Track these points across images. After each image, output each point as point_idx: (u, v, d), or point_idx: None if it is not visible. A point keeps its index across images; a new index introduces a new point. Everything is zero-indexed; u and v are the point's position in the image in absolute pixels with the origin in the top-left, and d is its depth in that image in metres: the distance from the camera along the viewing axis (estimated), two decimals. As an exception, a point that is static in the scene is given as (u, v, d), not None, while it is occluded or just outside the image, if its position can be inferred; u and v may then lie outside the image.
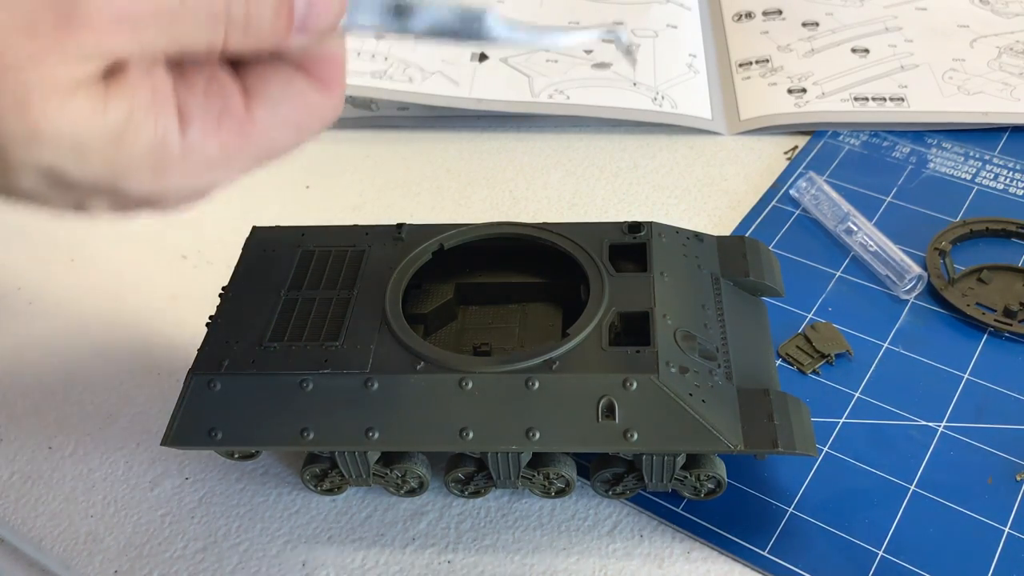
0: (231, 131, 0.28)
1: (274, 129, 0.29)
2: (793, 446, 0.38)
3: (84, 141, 0.26)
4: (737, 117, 0.68)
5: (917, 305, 0.52)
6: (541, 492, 0.44)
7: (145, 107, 0.27)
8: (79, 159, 0.26)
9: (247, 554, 0.43)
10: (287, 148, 0.30)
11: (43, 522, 0.45)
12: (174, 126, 0.27)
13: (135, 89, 0.26)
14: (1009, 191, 0.60)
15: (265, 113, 0.29)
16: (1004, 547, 0.41)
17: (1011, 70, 0.69)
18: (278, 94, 0.29)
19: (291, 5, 0.27)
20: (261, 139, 0.29)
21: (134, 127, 0.26)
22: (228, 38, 0.27)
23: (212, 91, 0.28)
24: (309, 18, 0.28)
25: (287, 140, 0.30)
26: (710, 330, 0.42)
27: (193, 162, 0.28)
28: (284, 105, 0.29)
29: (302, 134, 0.30)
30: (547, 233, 0.45)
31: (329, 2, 0.28)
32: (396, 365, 0.39)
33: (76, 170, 0.26)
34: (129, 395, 0.50)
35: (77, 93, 0.25)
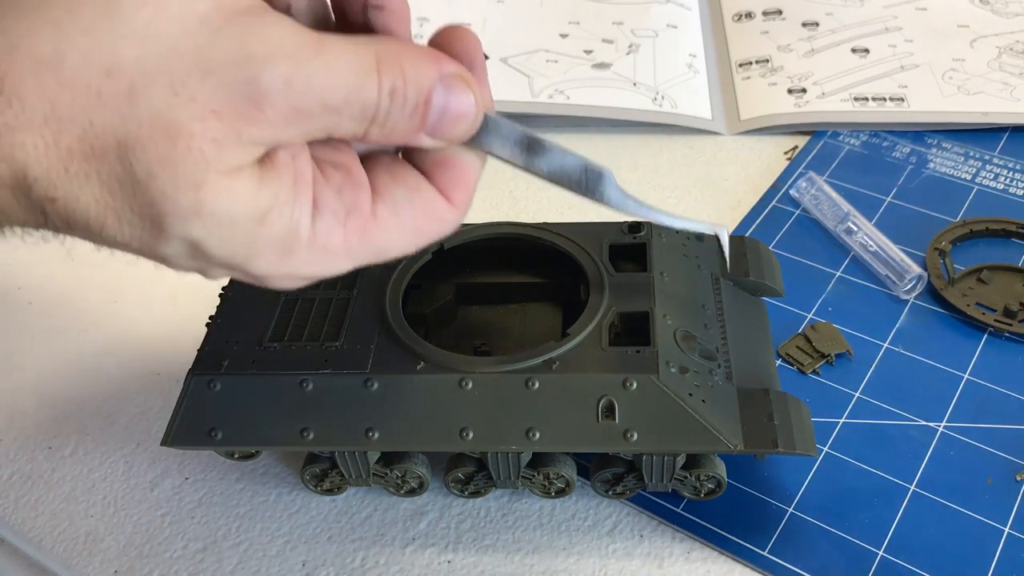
0: (355, 227, 0.30)
1: (393, 231, 0.31)
2: (793, 446, 0.38)
3: (235, 220, 0.27)
4: (737, 117, 0.68)
5: (917, 305, 0.52)
6: (541, 492, 0.44)
7: (288, 193, 0.28)
8: (224, 236, 0.28)
9: (247, 554, 0.43)
10: (402, 251, 0.32)
11: (43, 522, 0.45)
12: (308, 215, 0.29)
13: (282, 174, 0.28)
14: (1009, 191, 0.60)
15: (388, 214, 0.31)
16: (1004, 547, 0.41)
17: (1011, 70, 0.69)
18: (403, 199, 0.31)
19: (425, 112, 0.29)
20: (380, 239, 0.31)
21: (276, 211, 0.28)
22: (368, 130, 0.29)
23: (346, 186, 0.30)
24: (440, 125, 0.30)
25: (403, 244, 0.32)
26: (710, 330, 0.42)
27: (315, 251, 0.30)
28: (407, 210, 0.31)
29: (419, 239, 0.32)
30: (547, 233, 0.45)
31: (461, 117, 0.30)
32: (396, 365, 0.39)
33: (217, 246, 0.28)
34: (129, 395, 0.50)
35: (241, 175, 0.27)
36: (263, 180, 0.28)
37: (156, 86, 0.25)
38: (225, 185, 0.27)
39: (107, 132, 0.25)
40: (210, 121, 0.26)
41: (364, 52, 0.28)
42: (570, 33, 0.75)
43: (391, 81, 0.28)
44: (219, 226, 0.27)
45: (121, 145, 0.26)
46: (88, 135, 0.25)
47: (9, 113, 0.25)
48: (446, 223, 0.32)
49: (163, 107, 0.25)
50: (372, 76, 0.28)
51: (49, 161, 0.25)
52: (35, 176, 0.26)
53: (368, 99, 0.28)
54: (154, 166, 0.26)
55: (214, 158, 0.26)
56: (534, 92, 0.68)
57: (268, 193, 0.28)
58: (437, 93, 0.29)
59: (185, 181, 0.26)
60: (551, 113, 0.67)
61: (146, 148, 0.26)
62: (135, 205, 0.27)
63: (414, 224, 0.32)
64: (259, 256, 0.29)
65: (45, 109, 0.25)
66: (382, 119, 0.28)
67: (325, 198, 0.30)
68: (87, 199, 0.26)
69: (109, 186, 0.26)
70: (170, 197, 0.26)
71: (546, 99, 0.68)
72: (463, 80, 0.30)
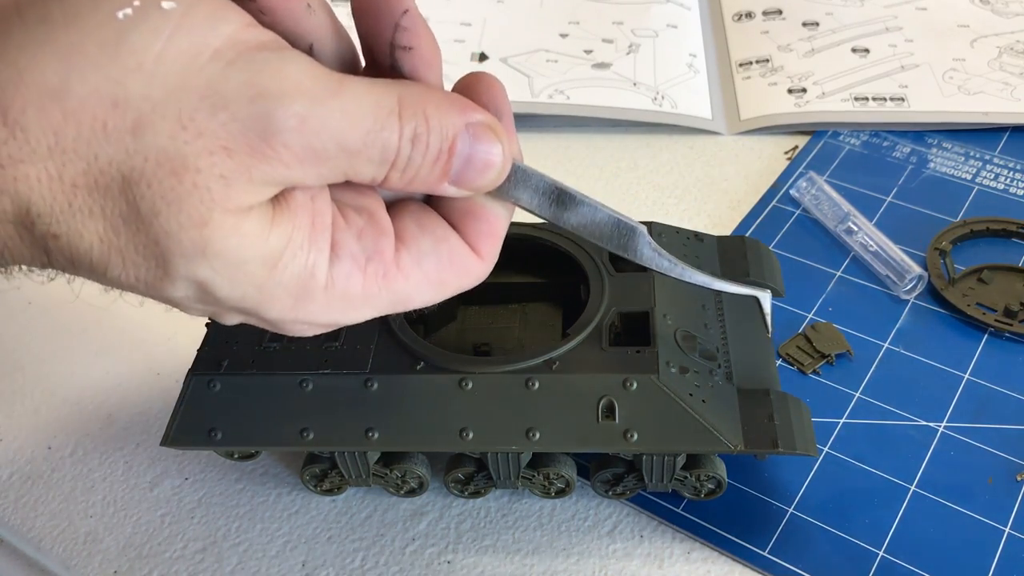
0: (375, 275, 0.29)
1: (417, 281, 0.30)
2: (793, 446, 0.38)
3: (243, 261, 0.27)
4: (737, 117, 0.68)
5: (917, 305, 0.52)
6: (541, 492, 0.44)
7: (303, 236, 0.28)
8: (233, 279, 0.27)
9: (247, 554, 0.43)
10: (424, 302, 0.31)
11: (42, 522, 0.45)
12: (325, 258, 0.28)
13: (297, 216, 0.27)
14: (1009, 191, 0.59)
15: (411, 263, 0.30)
16: (1004, 547, 0.41)
17: (1011, 70, 0.69)
18: (428, 248, 0.30)
19: (449, 160, 0.28)
20: (400, 287, 0.30)
21: (290, 254, 0.27)
22: (389, 176, 0.28)
23: (367, 232, 0.29)
24: (465, 174, 0.29)
25: (426, 295, 0.31)
26: (710, 330, 0.42)
27: (333, 297, 0.29)
28: (432, 260, 0.30)
29: (443, 291, 0.31)
30: (547, 233, 0.45)
31: (488, 167, 0.29)
32: (396, 365, 0.39)
33: (226, 288, 0.27)
34: (129, 395, 0.50)
35: (251, 214, 0.26)
36: (275, 221, 0.27)
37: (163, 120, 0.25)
38: (232, 223, 0.26)
39: (112, 166, 0.25)
40: (218, 157, 0.25)
41: (386, 94, 0.27)
42: (570, 33, 0.75)
43: (413, 126, 0.27)
44: (227, 267, 0.27)
45: (126, 180, 0.25)
46: (92, 169, 0.25)
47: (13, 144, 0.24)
48: (472, 276, 0.32)
49: (169, 141, 0.25)
50: (393, 120, 0.27)
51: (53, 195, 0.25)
52: (38, 211, 0.25)
53: (388, 143, 0.27)
54: (158, 202, 0.25)
55: (221, 196, 0.25)
56: (534, 92, 0.68)
57: (280, 234, 0.27)
58: (462, 141, 0.28)
59: (190, 219, 0.25)
60: (551, 113, 0.67)
61: (151, 183, 0.25)
62: (139, 244, 0.26)
63: (439, 275, 0.31)
64: (272, 300, 0.28)
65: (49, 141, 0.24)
66: (403, 165, 0.28)
67: (345, 242, 0.29)
68: (91, 236, 0.26)
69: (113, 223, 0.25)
70: (174, 235, 0.25)
71: (546, 99, 0.68)
72: (490, 129, 0.29)
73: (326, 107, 0.26)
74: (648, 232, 0.33)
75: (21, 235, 0.26)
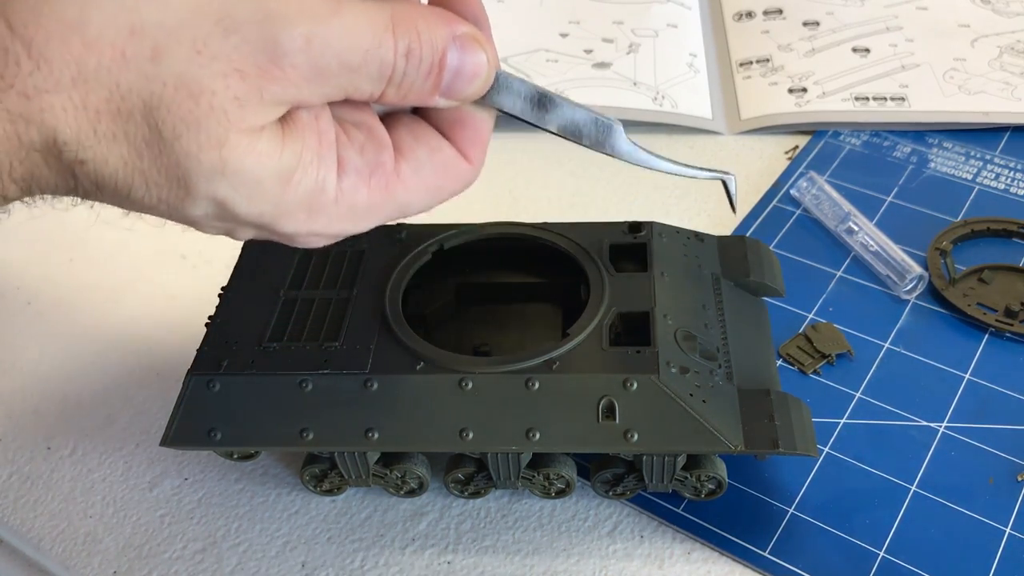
0: (379, 185, 0.31)
1: (415, 189, 0.32)
2: (794, 446, 0.38)
3: (259, 179, 0.28)
4: (738, 117, 0.68)
5: (918, 305, 0.52)
6: (541, 493, 0.44)
7: (312, 152, 0.29)
8: (250, 196, 0.28)
9: (246, 555, 0.43)
10: (421, 208, 0.33)
11: (42, 523, 0.45)
12: (333, 173, 0.30)
13: (305, 134, 0.29)
14: (1010, 191, 0.59)
15: (410, 173, 0.32)
16: (1005, 547, 0.41)
17: (1012, 69, 0.68)
18: (425, 158, 0.32)
19: (440, 73, 0.30)
20: (402, 196, 0.32)
21: (301, 170, 0.29)
22: (385, 91, 0.29)
23: (368, 145, 0.31)
24: (453, 86, 0.30)
25: (424, 200, 0.33)
26: (711, 330, 0.42)
27: (341, 209, 0.31)
28: (428, 168, 0.32)
29: (438, 196, 0.33)
30: (547, 233, 0.45)
31: (475, 76, 0.31)
32: (396, 365, 0.39)
33: (244, 205, 0.29)
34: (128, 395, 0.50)
35: (263, 134, 0.28)
36: (285, 140, 0.28)
37: (179, 46, 0.26)
38: (247, 143, 0.27)
39: (133, 92, 0.26)
40: (232, 79, 0.26)
41: (379, 13, 0.28)
42: (570, 32, 0.75)
43: (407, 41, 0.29)
44: (244, 185, 0.28)
45: (147, 105, 0.26)
46: (115, 96, 0.26)
47: (38, 76, 0.25)
48: (464, 181, 0.33)
49: (186, 66, 0.26)
50: (388, 36, 0.28)
51: (78, 123, 0.26)
52: (65, 139, 0.26)
53: (385, 59, 0.28)
54: (178, 125, 0.26)
55: (236, 116, 0.27)
56: (534, 92, 0.68)
57: (291, 152, 0.28)
58: (451, 53, 0.30)
59: (208, 139, 0.27)
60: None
61: (170, 107, 0.26)
62: (161, 166, 0.27)
63: (436, 182, 0.32)
64: (287, 215, 0.30)
65: (72, 71, 0.25)
66: (398, 79, 0.29)
67: (349, 157, 0.30)
68: (115, 160, 0.27)
69: (136, 147, 0.27)
70: (194, 156, 0.27)
71: (546, 99, 0.68)
72: (475, 40, 0.30)
73: (328, 26, 0.27)
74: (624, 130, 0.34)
75: (48, 162, 0.27)
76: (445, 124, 0.33)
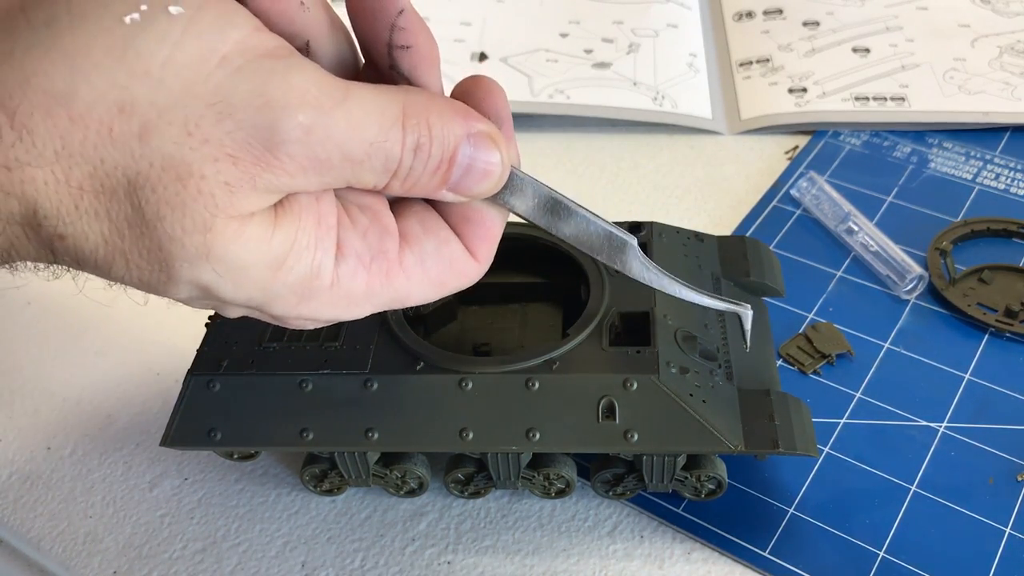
0: (379, 272, 0.30)
1: (417, 280, 0.31)
2: (794, 446, 0.38)
3: (246, 266, 0.27)
4: (738, 117, 0.68)
5: (918, 305, 0.52)
6: (541, 493, 0.44)
7: (308, 237, 0.28)
8: (236, 282, 0.27)
9: (246, 555, 0.43)
10: (419, 300, 0.32)
11: (42, 523, 0.45)
12: (331, 258, 0.29)
13: (301, 218, 0.28)
14: (1010, 191, 0.59)
15: (414, 263, 0.31)
16: (1005, 548, 0.41)
17: (1012, 69, 0.68)
18: (431, 250, 0.31)
19: (449, 169, 0.29)
20: (402, 286, 0.31)
21: (295, 255, 0.28)
22: (389, 184, 0.28)
23: (372, 230, 0.30)
24: (462, 183, 0.29)
25: (423, 293, 0.32)
26: (711, 330, 0.42)
27: (338, 295, 0.29)
28: (433, 261, 0.31)
29: (439, 291, 0.32)
30: (547, 233, 0.45)
31: (486, 176, 0.30)
32: (396, 365, 0.39)
33: (230, 291, 0.28)
34: (128, 395, 0.50)
35: (252, 220, 0.27)
36: (278, 224, 0.27)
37: (169, 126, 0.25)
38: (235, 229, 0.26)
39: (117, 170, 0.25)
40: (223, 164, 0.25)
41: (390, 104, 0.27)
42: (570, 32, 0.75)
43: (416, 136, 0.28)
44: (230, 272, 0.27)
45: (131, 184, 0.25)
46: (99, 172, 0.25)
47: (20, 147, 0.24)
48: (468, 278, 0.32)
49: (174, 148, 0.25)
50: (396, 130, 0.27)
51: (59, 198, 0.25)
52: (45, 212, 0.25)
53: (391, 153, 0.27)
54: (163, 207, 0.25)
55: (225, 202, 0.26)
56: (534, 92, 0.68)
57: (283, 238, 0.27)
58: (463, 151, 0.29)
59: (194, 224, 0.26)
60: (551, 113, 0.67)
61: (155, 188, 0.25)
62: (143, 247, 0.26)
63: (439, 276, 0.31)
64: (277, 299, 0.29)
65: (56, 145, 0.24)
66: (404, 174, 0.28)
67: (350, 241, 0.29)
68: (96, 238, 0.26)
69: (118, 226, 0.26)
70: (177, 240, 0.26)
71: (546, 99, 0.68)
72: (491, 139, 0.29)
73: (331, 117, 0.26)
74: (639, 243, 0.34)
75: (28, 235, 0.26)
76: (454, 218, 0.32)
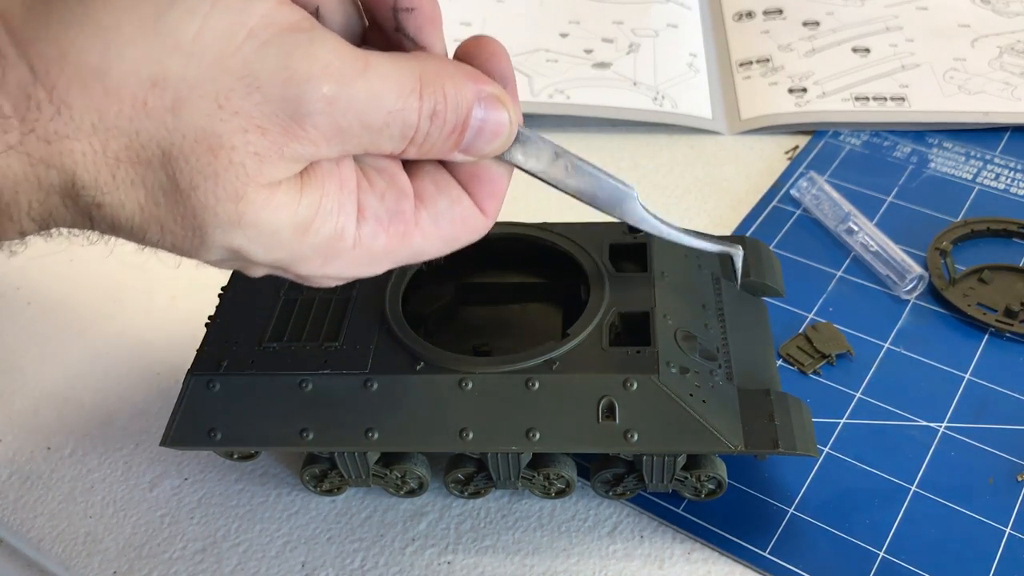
0: (397, 232, 0.31)
1: (432, 237, 0.32)
2: (794, 446, 0.38)
3: (276, 230, 0.28)
4: (738, 117, 0.68)
5: (918, 305, 0.52)
6: (541, 493, 0.44)
7: (331, 201, 0.29)
8: (267, 245, 0.29)
9: (246, 555, 0.43)
10: (434, 255, 0.33)
11: (42, 523, 0.45)
12: (353, 220, 0.30)
13: (325, 183, 0.29)
14: (1010, 191, 0.59)
15: (429, 222, 0.32)
16: (1005, 548, 0.41)
17: (1012, 70, 0.68)
18: (444, 208, 0.32)
19: (463, 132, 0.30)
20: (419, 243, 0.32)
21: (320, 218, 0.29)
22: (406, 150, 0.30)
23: (389, 192, 0.31)
24: (474, 144, 0.31)
25: (438, 248, 0.33)
26: (711, 330, 0.42)
27: (359, 254, 0.31)
28: (447, 218, 0.32)
29: (452, 246, 0.33)
30: (547, 233, 0.45)
31: (496, 135, 0.31)
32: (396, 365, 0.39)
33: (260, 254, 0.29)
34: (128, 395, 0.50)
35: (280, 187, 0.28)
36: (304, 191, 0.28)
37: (200, 99, 0.26)
38: (265, 197, 0.27)
39: (152, 142, 0.26)
40: (252, 135, 0.26)
41: (407, 73, 0.28)
42: (570, 32, 0.75)
43: (432, 103, 0.29)
44: (260, 236, 0.28)
45: (166, 155, 0.26)
46: (134, 144, 0.26)
47: (59, 121, 0.25)
48: (478, 232, 0.34)
49: (206, 120, 0.26)
50: (414, 99, 0.28)
51: (97, 168, 0.26)
52: (83, 183, 0.26)
53: (408, 120, 0.29)
54: (196, 177, 0.26)
55: (255, 171, 0.27)
56: (534, 92, 0.68)
57: (309, 202, 0.29)
58: (475, 113, 0.30)
59: (225, 193, 0.27)
60: (551, 113, 0.67)
61: (188, 159, 0.26)
62: (177, 214, 0.27)
63: (452, 232, 0.33)
64: (303, 260, 0.30)
65: (93, 118, 0.25)
66: (420, 139, 0.29)
67: (369, 203, 0.31)
68: (132, 206, 0.27)
69: (153, 194, 0.27)
70: (211, 208, 0.27)
71: (546, 98, 0.68)
72: (499, 100, 0.31)
73: (353, 88, 0.27)
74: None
75: (67, 204, 0.27)
76: (463, 176, 0.33)
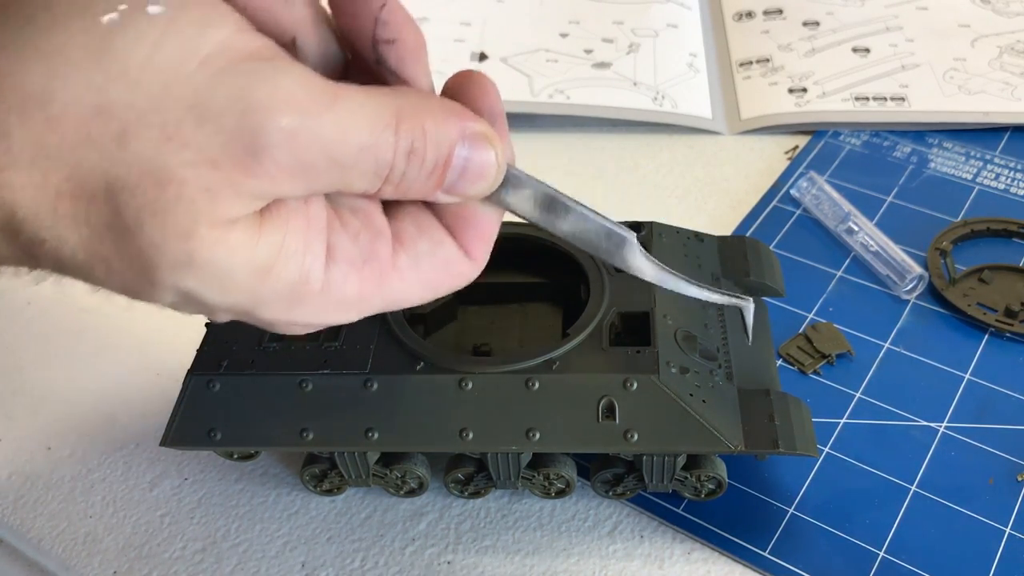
0: (372, 276, 0.29)
1: (411, 283, 0.30)
2: (794, 446, 0.38)
3: (231, 272, 0.26)
4: (738, 117, 0.68)
5: (918, 305, 0.52)
6: (541, 493, 0.44)
7: (296, 241, 0.27)
8: (221, 289, 0.26)
9: (246, 555, 0.43)
10: (415, 302, 0.31)
11: (42, 523, 0.45)
12: (320, 264, 0.28)
13: (289, 222, 0.27)
14: (1010, 191, 0.59)
15: (408, 265, 0.30)
16: (1005, 548, 0.41)
17: (1012, 69, 0.68)
18: (426, 251, 0.30)
19: (444, 172, 0.28)
20: (396, 289, 0.30)
21: (283, 261, 0.27)
22: (381, 189, 0.27)
23: (364, 233, 0.29)
24: (457, 185, 0.29)
25: (418, 295, 0.31)
26: (711, 330, 0.42)
27: (328, 300, 0.28)
28: (427, 263, 0.30)
29: (434, 293, 0.31)
30: (547, 233, 0.45)
31: (481, 176, 0.29)
32: (396, 365, 0.39)
33: (216, 296, 0.27)
34: (128, 395, 0.50)
35: (236, 225, 0.26)
36: (264, 231, 0.26)
37: (147, 129, 0.24)
38: (217, 236, 0.25)
39: (96, 174, 0.24)
40: (203, 169, 0.24)
41: (382, 107, 0.26)
42: (570, 32, 0.75)
43: (410, 140, 0.27)
44: (214, 278, 0.26)
45: (110, 189, 0.24)
46: (76, 176, 0.24)
47: None
48: (463, 278, 0.31)
49: (153, 152, 0.24)
50: (388, 134, 0.26)
51: (37, 202, 0.24)
52: (23, 216, 0.24)
53: (382, 157, 0.26)
54: (143, 213, 0.24)
55: (206, 208, 0.25)
56: (534, 92, 0.68)
57: (270, 243, 0.26)
58: (458, 152, 0.28)
59: (175, 230, 0.25)
60: (551, 113, 0.67)
61: (134, 193, 0.24)
62: (124, 253, 0.25)
63: (434, 278, 0.31)
64: (265, 305, 0.28)
65: (33, 147, 0.24)
66: (397, 178, 0.27)
67: (341, 244, 0.28)
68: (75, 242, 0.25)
69: (98, 231, 0.25)
70: (158, 247, 0.25)
71: (546, 99, 0.68)
72: (486, 138, 0.28)
73: (318, 121, 0.25)
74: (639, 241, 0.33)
75: (8, 239, 0.25)
76: (449, 218, 0.31)
